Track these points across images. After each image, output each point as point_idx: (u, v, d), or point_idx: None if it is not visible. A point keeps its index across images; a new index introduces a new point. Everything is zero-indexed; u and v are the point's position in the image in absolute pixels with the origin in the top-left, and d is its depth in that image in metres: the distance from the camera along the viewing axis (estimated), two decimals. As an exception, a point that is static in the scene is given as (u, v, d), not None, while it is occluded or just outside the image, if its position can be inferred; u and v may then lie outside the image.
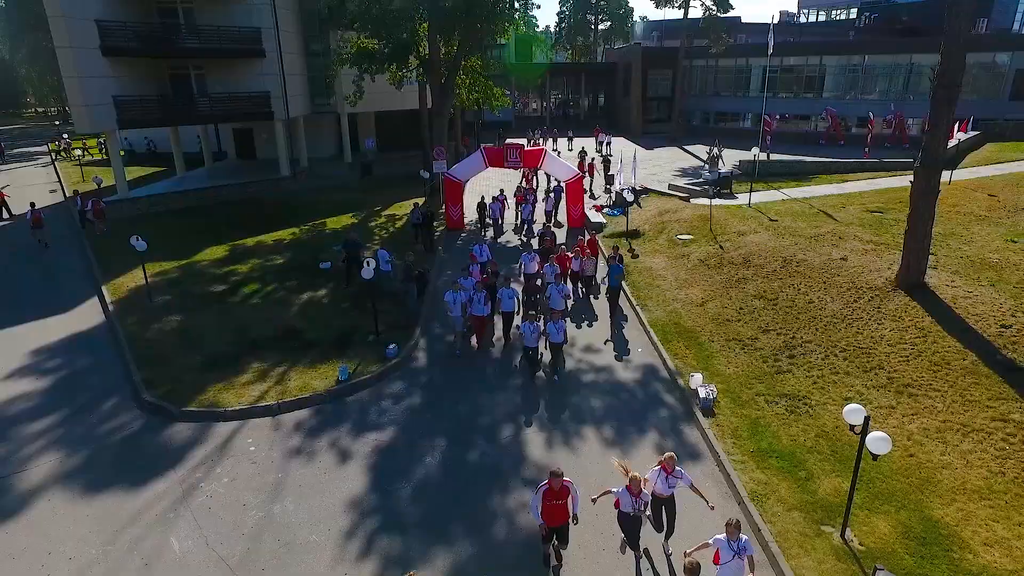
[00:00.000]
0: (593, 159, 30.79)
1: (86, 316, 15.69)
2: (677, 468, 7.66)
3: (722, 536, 6.76)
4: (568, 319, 13.87)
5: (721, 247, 17.69)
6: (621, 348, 13.52)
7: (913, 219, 13.35)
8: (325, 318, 14.98)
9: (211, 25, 26.56)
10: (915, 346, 11.79)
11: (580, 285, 16.18)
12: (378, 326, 13.88)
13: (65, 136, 41.45)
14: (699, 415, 10.80)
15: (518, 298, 13.54)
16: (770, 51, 25.99)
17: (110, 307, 15.76)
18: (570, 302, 14.65)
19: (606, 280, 14.94)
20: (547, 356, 12.65)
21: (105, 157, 36.46)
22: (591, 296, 16.24)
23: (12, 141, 47.97)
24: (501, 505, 8.97)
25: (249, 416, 11.12)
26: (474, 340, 13.63)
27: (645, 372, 12.57)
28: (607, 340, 13.87)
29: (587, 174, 27.42)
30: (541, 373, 12.39)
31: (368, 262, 13.34)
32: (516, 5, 25.15)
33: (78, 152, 34.94)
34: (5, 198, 24.65)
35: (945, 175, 24.46)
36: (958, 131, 32.80)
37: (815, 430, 10.17)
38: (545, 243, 17.15)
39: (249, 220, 23.79)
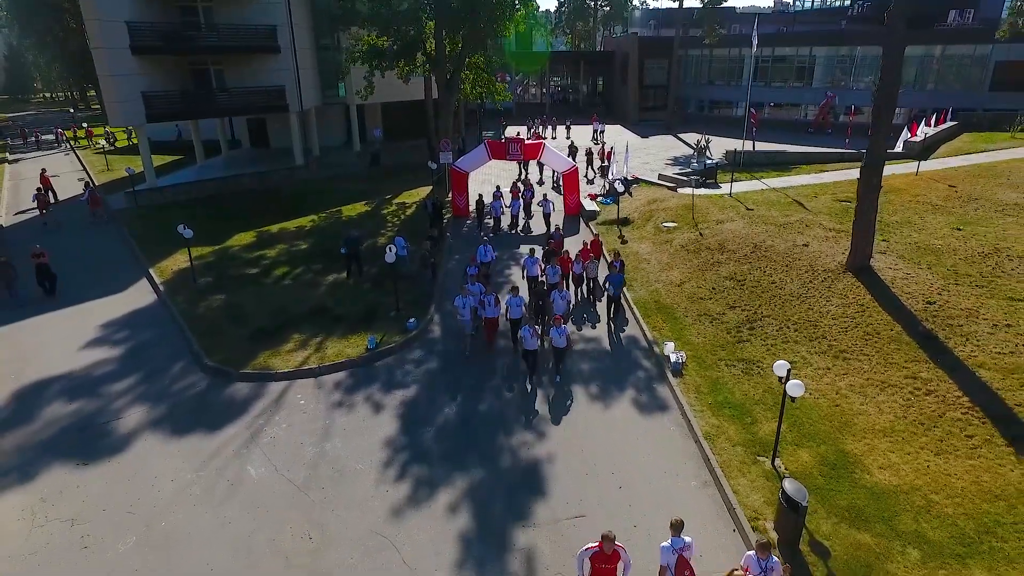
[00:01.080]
0: (590, 149, 32.69)
1: (140, 295, 17.98)
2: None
3: (752, 553, 7.37)
4: (571, 322, 14.95)
5: (701, 234, 19.91)
6: (615, 327, 15.81)
7: (859, 212, 15.59)
8: (350, 297, 17.25)
9: (230, 23, 28.47)
10: (853, 319, 14.10)
11: (582, 288, 16.80)
12: (399, 303, 16.16)
13: (85, 125, 43.31)
14: (670, 376, 13.13)
15: (525, 305, 14.40)
16: (753, 48, 27.95)
17: (160, 288, 18.04)
18: (571, 305, 15.31)
19: (607, 287, 15.59)
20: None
21: (130, 144, 38.49)
22: (593, 297, 16.86)
23: (28, 128, 49.75)
24: (505, 443, 11.33)
25: (295, 377, 13.46)
26: (486, 341, 14.39)
27: (628, 342, 14.89)
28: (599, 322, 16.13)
29: (588, 164, 29.42)
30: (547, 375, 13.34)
31: (390, 248, 15.59)
32: (517, 5, 26.93)
33: (102, 143, 36.79)
34: (51, 181, 26.81)
35: (913, 166, 26.72)
36: (936, 122, 34.93)
37: (763, 387, 12.50)
38: (551, 245, 17.95)
39: (269, 208, 25.96)
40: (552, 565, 8.75)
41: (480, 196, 23.73)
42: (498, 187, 24.79)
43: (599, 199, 25.34)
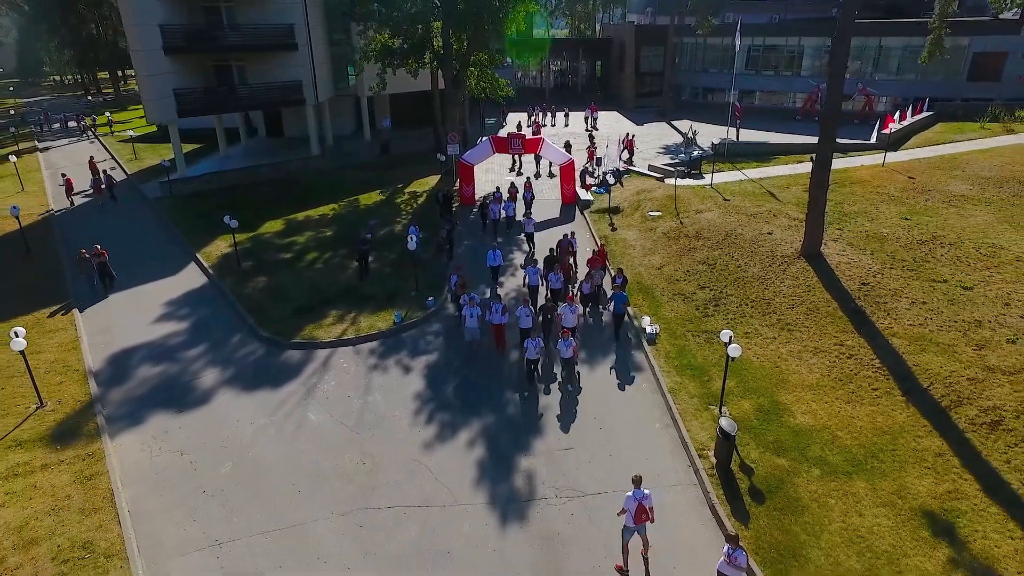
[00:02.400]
0: (592, 142, 34.55)
1: (192, 278, 20.92)
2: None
3: (725, 546, 8.85)
4: (578, 335, 15.57)
5: (681, 223, 22.75)
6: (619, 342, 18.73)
7: (810, 205, 18.44)
8: (376, 279, 20.16)
9: (251, 23, 30.90)
10: (800, 298, 17.05)
11: (588, 306, 17.50)
12: (418, 284, 19.09)
13: (107, 113, 45.73)
14: (645, 344, 16.10)
15: (534, 316, 15.51)
16: (737, 47, 30.38)
17: (210, 271, 20.95)
18: (580, 319, 16.17)
19: (611, 304, 16.46)
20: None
21: (151, 132, 41.01)
22: (601, 308, 17.82)
23: (52, 113, 51.99)
24: (511, 395, 14.36)
25: (337, 346, 16.45)
26: (496, 344, 15.81)
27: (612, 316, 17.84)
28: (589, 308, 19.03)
29: (588, 157, 31.85)
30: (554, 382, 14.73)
31: (410, 238, 18.48)
32: (519, 7, 29.34)
33: (130, 132, 39.29)
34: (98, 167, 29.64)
35: (880, 157, 29.33)
36: (913, 113, 37.38)
37: (720, 353, 15.42)
38: (558, 250, 18.93)
39: (291, 196, 28.73)
40: (547, 481, 11.82)
41: (484, 199, 25.09)
42: (497, 188, 26.51)
43: (593, 189, 28.08)
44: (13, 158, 30.35)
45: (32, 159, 37.69)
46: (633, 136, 33.18)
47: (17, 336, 13.07)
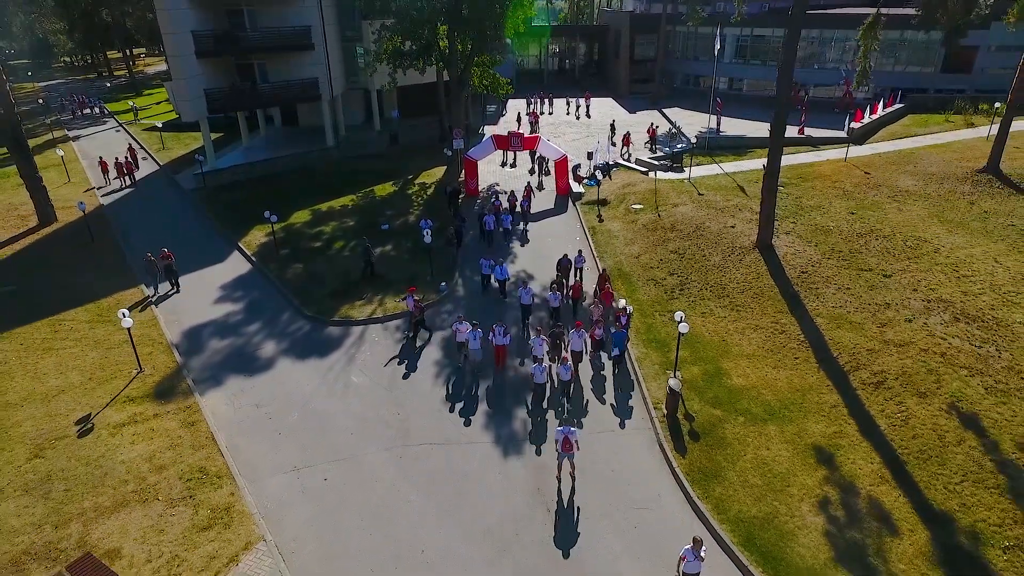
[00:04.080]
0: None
1: (238, 264, 24.70)
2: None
3: (689, 547, 10.75)
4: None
5: (659, 215, 26.41)
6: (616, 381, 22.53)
7: (762, 205, 22.10)
8: (395, 266, 23.92)
9: (271, 26, 34.01)
10: (749, 284, 20.86)
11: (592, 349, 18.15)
12: (432, 271, 22.86)
13: (132, 103, 48.84)
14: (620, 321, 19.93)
15: (546, 344, 17.18)
16: (716, 49, 33.54)
17: (252, 258, 24.70)
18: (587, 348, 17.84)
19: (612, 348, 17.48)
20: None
21: (173, 120, 44.25)
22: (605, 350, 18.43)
23: (77, 96, 55.02)
24: (510, 363, 18.24)
25: (368, 323, 20.32)
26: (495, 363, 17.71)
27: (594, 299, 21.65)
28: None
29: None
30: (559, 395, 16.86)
31: (426, 233, 22.22)
32: (518, 12, 32.48)
33: (158, 124, 42.53)
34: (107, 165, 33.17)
35: (843, 151, 32.65)
36: (885, 105, 40.57)
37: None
38: (559, 270, 20.78)
39: (313, 187, 32.28)
40: (539, 426, 15.80)
41: (481, 206, 27.20)
42: (496, 195, 28.69)
43: (584, 181, 31.62)
44: (60, 151, 33.78)
45: (67, 148, 41.05)
46: (628, 132, 36.50)
47: (126, 316, 16.91)
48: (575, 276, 21.73)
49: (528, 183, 30.26)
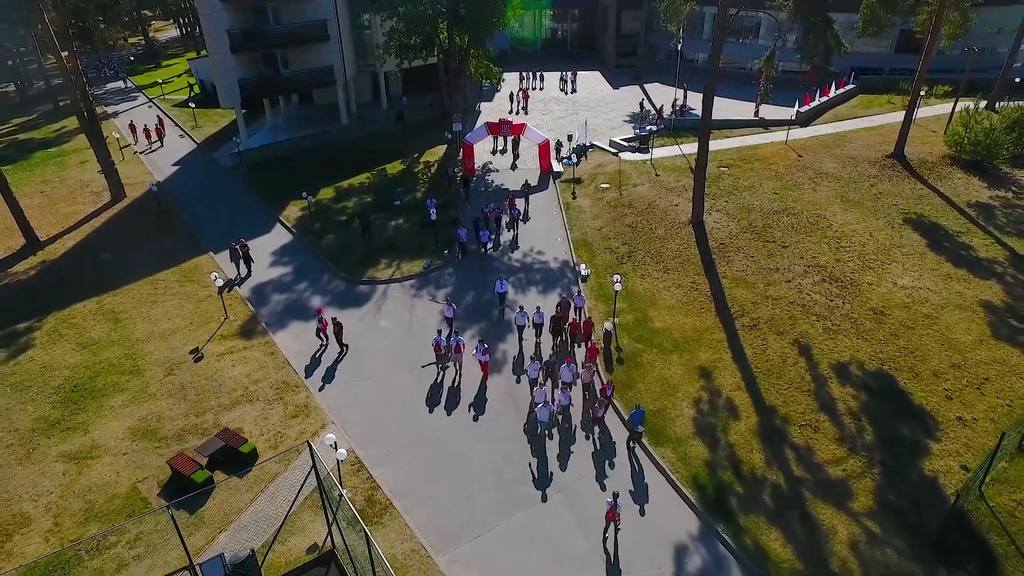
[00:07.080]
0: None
1: (280, 235, 31.69)
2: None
3: (611, 499, 15.93)
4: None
5: (620, 194, 33.12)
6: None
7: (695, 186, 28.80)
8: (407, 238, 30.86)
9: (293, 21, 39.85)
10: (680, 252, 27.84)
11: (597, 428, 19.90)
12: (437, 241, 29.81)
13: (159, 83, 54.67)
14: (580, 281, 26.99)
15: (541, 368, 20.82)
16: (679, 48, 39.33)
17: (293, 230, 31.65)
18: (578, 380, 20.87)
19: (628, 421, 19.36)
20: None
21: (191, 95, 50.25)
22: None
23: (96, 71, 60.55)
24: (507, 310, 25.44)
25: (389, 282, 27.45)
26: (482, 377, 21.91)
27: (561, 263, 28.65)
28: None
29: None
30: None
31: (431, 211, 29.08)
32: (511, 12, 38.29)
33: (191, 104, 48.66)
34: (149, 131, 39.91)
35: (783, 134, 38.79)
36: (837, 87, 46.32)
37: (626, 289, 26.37)
38: (558, 311, 23.39)
39: (334, 165, 38.83)
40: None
41: (477, 219, 30.30)
42: (490, 205, 31.90)
43: (563, 161, 38.11)
44: (116, 134, 40.17)
45: (108, 125, 47.35)
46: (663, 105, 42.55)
47: (217, 278, 24.03)
48: (575, 315, 23.74)
49: (511, 192, 33.79)
